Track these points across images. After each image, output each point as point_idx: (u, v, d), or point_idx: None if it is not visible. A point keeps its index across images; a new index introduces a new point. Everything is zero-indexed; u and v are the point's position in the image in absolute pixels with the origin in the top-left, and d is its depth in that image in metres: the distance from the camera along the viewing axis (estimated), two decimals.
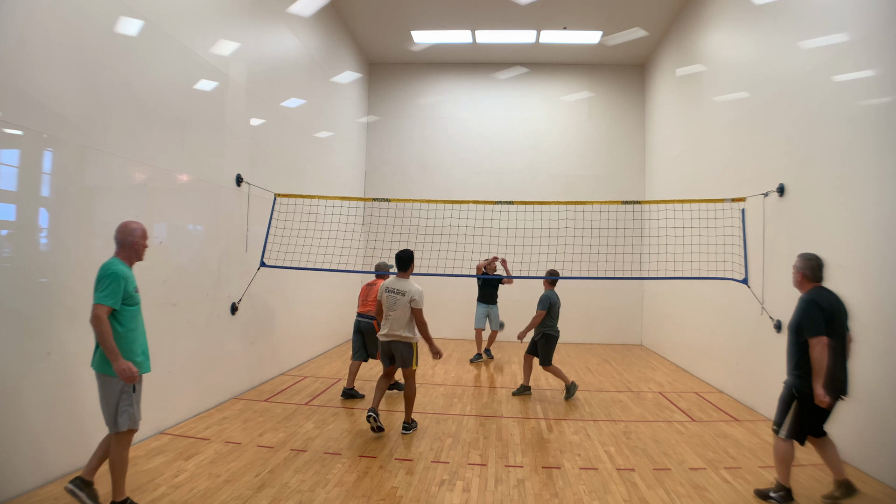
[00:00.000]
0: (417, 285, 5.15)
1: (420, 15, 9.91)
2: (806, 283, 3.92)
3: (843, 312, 3.83)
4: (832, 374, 3.65)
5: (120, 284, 3.28)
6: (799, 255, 3.99)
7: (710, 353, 7.78)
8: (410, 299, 5.06)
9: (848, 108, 4.81)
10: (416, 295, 5.06)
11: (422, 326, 5.13)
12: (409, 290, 5.08)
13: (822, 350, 3.60)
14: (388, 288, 5.19)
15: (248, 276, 6.56)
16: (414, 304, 5.05)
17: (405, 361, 5.16)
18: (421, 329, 5.14)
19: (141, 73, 4.69)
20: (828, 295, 3.81)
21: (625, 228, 8.91)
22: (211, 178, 5.85)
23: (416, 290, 5.08)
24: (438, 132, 12.09)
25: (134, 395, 3.36)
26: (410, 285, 5.12)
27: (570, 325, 11.50)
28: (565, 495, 3.90)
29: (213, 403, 5.85)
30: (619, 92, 11.90)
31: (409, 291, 5.08)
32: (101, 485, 3.49)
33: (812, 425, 3.79)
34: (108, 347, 3.19)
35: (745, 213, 6.64)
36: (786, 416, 3.82)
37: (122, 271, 3.33)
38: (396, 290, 5.13)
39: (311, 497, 3.76)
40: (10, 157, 3.58)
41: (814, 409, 3.69)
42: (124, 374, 3.21)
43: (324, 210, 8.08)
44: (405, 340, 5.13)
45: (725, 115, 7.47)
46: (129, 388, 3.33)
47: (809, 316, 3.70)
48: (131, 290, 3.39)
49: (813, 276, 3.90)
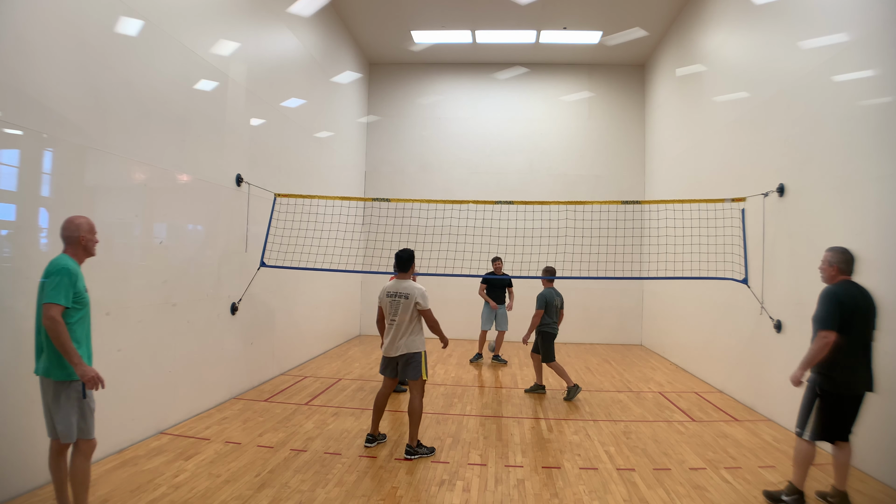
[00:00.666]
0: (419, 285, 4.77)
1: (420, 15, 9.91)
2: (838, 277, 3.76)
3: (868, 308, 3.68)
4: (852, 371, 3.58)
5: (71, 281, 3.06)
6: (830, 249, 3.82)
7: (710, 353, 7.78)
8: (415, 301, 4.66)
9: (848, 108, 4.81)
10: (420, 296, 4.65)
11: (433, 326, 4.75)
12: (412, 292, 4.66)
13: (822, 344, 3.55)
14: (389, 292, 4.75)
15: (248, 276, 6.56)
16: (419, 306, 4.66)
17: (414, 372, 4.66)
18: (433, 329, 4.77)
19: (141, 72, 4.69)
20: (853, 290, 3.68)
21: (625, 228, 8.91)
22: (211, 178, 5.85)
23: (419, 291, 4.66)
24: (438, 132, 12.09)
25: (85, 401, 3.14)
26: (413, 286, 4.70)
27: (571, 325, 11.47)
28: (565, 495, 3.90)
29: (213, 403, 5.85)
30: (619, 92, 11.90)
31: (413, 293, 4.66)
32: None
33: (840, 426, 3.67)
34: (68, 350, 2.98)
35: (745, 213, 6.65)
36: (809, 416, 3.69)
37: (72, 267, 3.11)
38: (398, 293, 4.70)
39: (311, 497, 3.76)
40: (10, 157, 3.58)
41: (838, 408, 3.60)
42: (92, 380, 3.04)
43: (324, 210, 8.08)
44: (413, 350, 4.67)
45: (725, 115, 7.47)
46: (80, 395, 3.11)
47: (825, 308, 3.61)
48: (81, 288, 3.16)
49: (847, 269, 3.75)
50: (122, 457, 4.34)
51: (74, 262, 3.19)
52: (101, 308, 4.27)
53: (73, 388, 3.10)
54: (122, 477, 3.97)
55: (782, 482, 4.14)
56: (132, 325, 4.63)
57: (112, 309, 4.38)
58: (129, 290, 4.61)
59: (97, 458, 4.22)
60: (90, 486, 3.31)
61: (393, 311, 4.71)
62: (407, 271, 4.81)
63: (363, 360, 8.90)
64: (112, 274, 4.43)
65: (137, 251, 4.79)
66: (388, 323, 4.77)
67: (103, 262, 4.35)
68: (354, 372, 7.96)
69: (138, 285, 4.73)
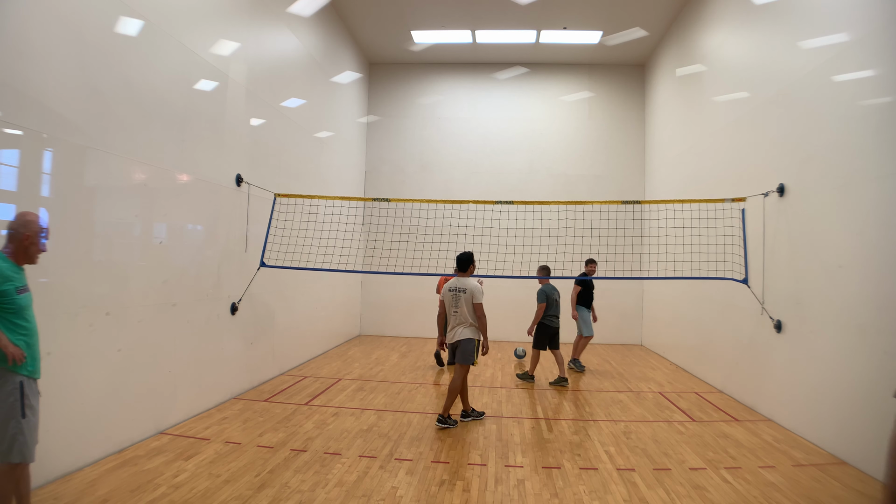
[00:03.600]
0: (476, 282, 5.52)
1: (420, 15, 9.91)
2: None
3: None
4: None
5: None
6: None
7: (710, 353, 7.78)
8: (471, 295, 5.42)
9: (848, 108, 4.81)
10: (476, 291, 5.43)
11: (481, 320, 5.45)
12: (469, 287, 5.45)
13: None
14: (451, 287, 5.55)
15: (248, 276, 6.56)
16: (474, 300, 5.42)
17: (466, 356, 5.42)
18: (480, 323, 5.46)
19: (141, 72, 4.69)
20: None
21: (625, 228, 8.90)
22: (211, 178, 5.85)
23: (475, 287, 5.46)
24: (438, 132, 12.08)
25: (24, 421, 2.87)
26: (470, 283, 5.48)
27: (570, 324, 11.51)
28: (565, 495, 3.90)
29: (213, 403, 5.85)
30: (619, 92, 11.89)
31: (469, 288, 5.44)
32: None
33: None
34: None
35: (745, 213, 6.64)
36: None
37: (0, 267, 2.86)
38: (458, 288, 5.49)
39: (311, 497, 3.76)
40: (10, 157, 3.57)
41: None
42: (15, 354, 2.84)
43: (324, 210, 8.08)
44: (468, 337, 5.42)
45: (725, 114, 7.47)
46: (19, 414, 2.86)
47: None
48: (10, 289, 2.87)
49: None
50: (122, 457, 4.34)
51: (10, 262, 2.94)
52: (101, 308, 4.28)
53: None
54: (122, 477, 3.96)
55: (782, 482, 4.14)
56: (132, 325, 4.63)
57: (112, 309, 4.38)
58: (129, 290, 4.61)
59: (97, 457, 4.23)
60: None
61: (454, 303, 5.51)
62: (465, 271, 5.58)
63: (363, 361, 8.90)
64: (112, 274, 4.43)
65: (137, 251, 4.79)
66: (451, 315, 5.55)
67: (103, 262, 4.36)
68: (354, 372, 7.96)
69: (138, 285, 4.73)
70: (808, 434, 5.17)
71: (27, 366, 2.93)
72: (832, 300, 4.95)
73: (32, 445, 2.93)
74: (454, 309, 5.51)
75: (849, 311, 4.69)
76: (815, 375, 5.12)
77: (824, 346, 5.03)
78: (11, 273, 2.92)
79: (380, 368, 8.29)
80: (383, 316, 11.96)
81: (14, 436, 2.85)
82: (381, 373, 7.97)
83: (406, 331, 11.80)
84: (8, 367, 2.86)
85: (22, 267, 3.03)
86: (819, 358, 5.09)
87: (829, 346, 4.95)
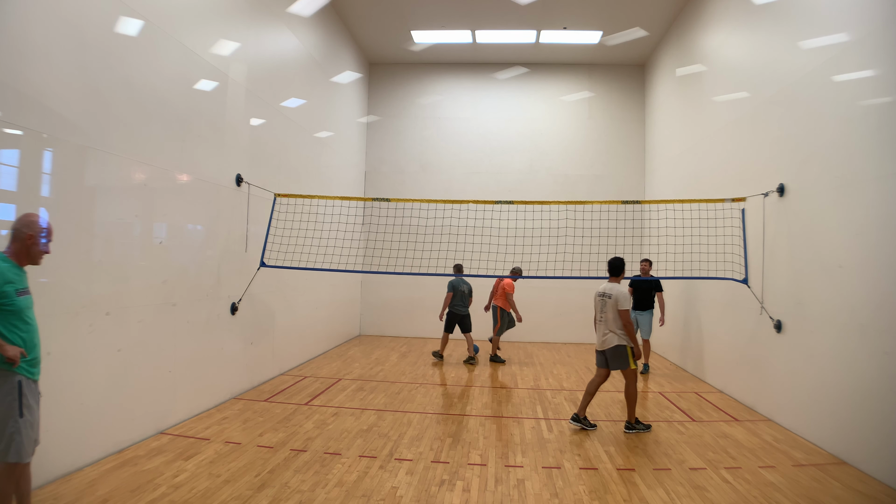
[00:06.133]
0: (622, 288, 5.42)
1: (420, 15, 9.91)
2: None
3: None
4: None
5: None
6: None
7: (710, 353, 7.78)
8: (616, 301, 5.33)
9: (848, 108, 4.81)
10: (621, 297, 5.33)
11: (626, 327, 5.33)
12: (615, 294, 5.37)
13: None
14: (599, 292, 5.51)
15: (248, 276, 6.56)
16: (619, 306, 5.31)
17: (622, 363, 5.35)
18: (626, 329, 5.34)
19: (141, 72, 4.69)
20: None
21: (625, 228, 8.89)
22: (211, 178, 5.85)
23: (620, 293, 5.35)
24: (438, 132, 12.08)
25: (22, 420, 2.87)
26: (616, 288, 5.41)
27: (571, 325, 11.54)
28: (565, 495, 3.90)
29: (213, 403, 5.85)
30: (619, 92, 11.89)
31: (615, 294, 5.36)
32: None
33: None
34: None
35: (745, 213, 6.64)
36: None
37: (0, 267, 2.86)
38: (605, 293, 5.44)
39: (311, 497, 3.76)
40: (10, 157, 3.57)
41: None
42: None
43: (324, 210, 8.08)
44: (617, 344, 5.34)
45: (725, 114, 7.47)
46: (17, 414, 2.85)
47: None
48: (10, 290, 2.87)
49: None
50: (122, 457, 4.34)
51: (11, 262, 2.95)
52: (101, 308, 4.28)
53: None
54: (122, 477, 3.96)
55: (782, 482, 4.14)
56: (132, 325, 4.63)
57: (112, 309, 4.39)
58: (129, 290, 4.61)
59: (97, 457, 4.23)
60: None
61: (600, 308, 5.49)
62: (617, 276, 5.54)
63: (363, 360, 8.90)
64: (112, 274, 4.43)
65: (137, 251, 4.79)
66: (598, 320, 5.51)
67: (103, 262, 4.36)
68: (354, 372, 7.97)
69: (138, 285, 4.73)
70: (808, 434, 5.17)
71: (27, 366, 2.93)
72: (832, 300, 4.95)
73: (29, 445, 2.92)
74: (601, 315, 5.47)
75: (848, 311, 4.69)
76: (815, 375, 5.12)
77: (824, 346, 5.03)
78: (12, 275, 2.91)
79: (380, 368, 8.29)
80: (383, 316, 11.96)
81: (12, 435, 2.85)
82: (380, 373, 7.97)
83: (406, 331, 11.80)
84: (7, 368, 2.86)
85: (23, 269, 3.03)
86: (819, 358, 5.09)
87: (829, 346, 4.95)
